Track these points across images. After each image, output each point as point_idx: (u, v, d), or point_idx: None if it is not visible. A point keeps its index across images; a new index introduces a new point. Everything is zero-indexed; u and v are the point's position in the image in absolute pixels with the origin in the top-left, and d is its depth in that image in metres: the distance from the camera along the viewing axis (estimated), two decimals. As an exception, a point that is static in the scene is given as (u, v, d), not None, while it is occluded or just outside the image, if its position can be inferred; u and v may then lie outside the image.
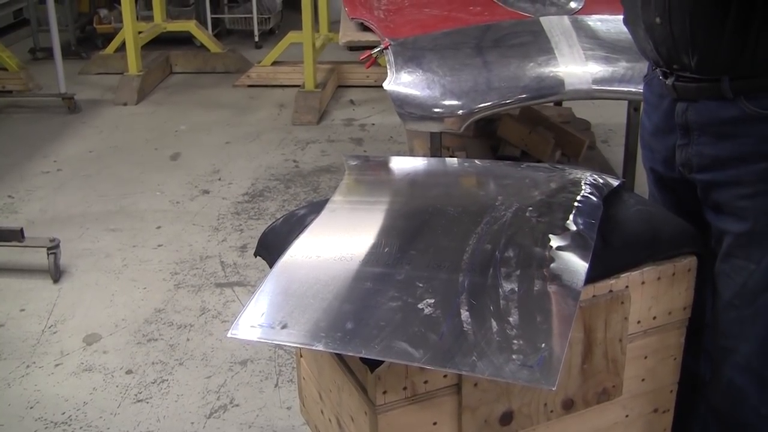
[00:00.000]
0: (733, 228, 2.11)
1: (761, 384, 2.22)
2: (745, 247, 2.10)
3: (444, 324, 1.81)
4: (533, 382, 1.70)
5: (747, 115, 1.99)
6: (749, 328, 2.17)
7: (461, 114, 3.22)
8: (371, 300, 1.90)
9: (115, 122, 6.38)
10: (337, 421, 2.22)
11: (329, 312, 1.88)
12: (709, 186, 2.13)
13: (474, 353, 1.74)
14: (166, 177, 5.34)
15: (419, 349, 1.75)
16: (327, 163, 5.54)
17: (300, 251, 2.14)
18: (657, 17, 2.03)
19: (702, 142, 2.09)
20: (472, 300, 1.87)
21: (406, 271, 1.99)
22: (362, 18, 3.77)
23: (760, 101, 1.97)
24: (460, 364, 1.73)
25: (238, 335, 1.86)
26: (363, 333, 1.80)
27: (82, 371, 3.38)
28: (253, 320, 1.89)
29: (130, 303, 3.88)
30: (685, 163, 2.16)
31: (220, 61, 7.66)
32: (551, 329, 1.80)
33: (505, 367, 1.71)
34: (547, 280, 1.93)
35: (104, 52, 7.60)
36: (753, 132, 1.99)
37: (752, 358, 2.20)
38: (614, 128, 5.84)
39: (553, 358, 1.72)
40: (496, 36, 3.52)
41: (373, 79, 7.07)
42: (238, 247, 4.38)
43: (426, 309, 1.86)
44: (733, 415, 2.29)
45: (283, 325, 1.85)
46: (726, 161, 2.05)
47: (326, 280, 1.99)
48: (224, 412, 3.12)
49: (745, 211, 2.07)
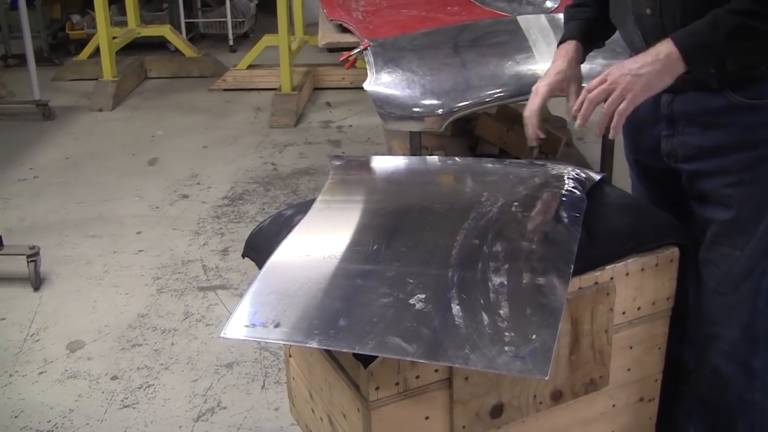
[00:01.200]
0: (719, 216, 2.14)
1: (745, 369, 2.26)
2: (730, 235, 2.14)
3: (436, 318, 1.83)
4: (526, 373, 1.73)
5: (733, 105, 2.03)
6: (733, 315, 2.22)
7: (441, 113, 3.24)
8: (362, 297, 1.93)
9: (90, 128, 6.36)
10: (328, 419, 2.23)
11: (321, 309, 1.90)
12: (694, 175, 2.17)
13: (467, 346, 1.77)
14: (144, 182, 5.33)
15: (412, 343, 1.78)
16: (305, 165, 5.55)
17: (289, 250, 2.15)
18: (647, 8, 2.06)
19: (688, 133, 2.13)
20: (462, 294, 1.90)
21: (396, 267, 2.01)
22: (341, 19, 3.79)
23: (746, 91, 2.01)
24: (453, 357, 1.76)
25: (230, 335, 1.87)
26: (356, 329, 1.82)
27: (66, 378, 3.38)
28: (245, 320, 1.90)
29: (112, 309, 3.88)
30: (670, 153, 2.20)
31: (195, 65, 7.65)
32: (541, 321, 1.83)
33: (498, 359, 1.74)
34: (535, 273, 1.96)
35: (78, 58, 7.57)
36: (738, 122, 2.03)
37: (736, 344, 2.24)
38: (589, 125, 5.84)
39: (545, 348, 1.75)
40: (474, 35, 3.55)
41: (348, 81, 7.09)
42: (220, 251, 4.38)
43: (417, 304, 1.88)
44: (719, 401, 2.33)
45: (276, 324, 1.86)
46: (712, 151, 2.08)
47: (317, 278, 2.01)
48: (212, 415, 3.12)
49: (730, 199, 2.11)
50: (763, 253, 2.15)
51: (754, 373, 2.27)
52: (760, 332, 2.24)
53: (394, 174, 2.66)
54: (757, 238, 2.13)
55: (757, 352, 2.25)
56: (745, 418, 2.33)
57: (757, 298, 2.20)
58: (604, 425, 2.32)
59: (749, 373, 2.27)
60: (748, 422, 2.33)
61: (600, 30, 2.38)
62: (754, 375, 2.27)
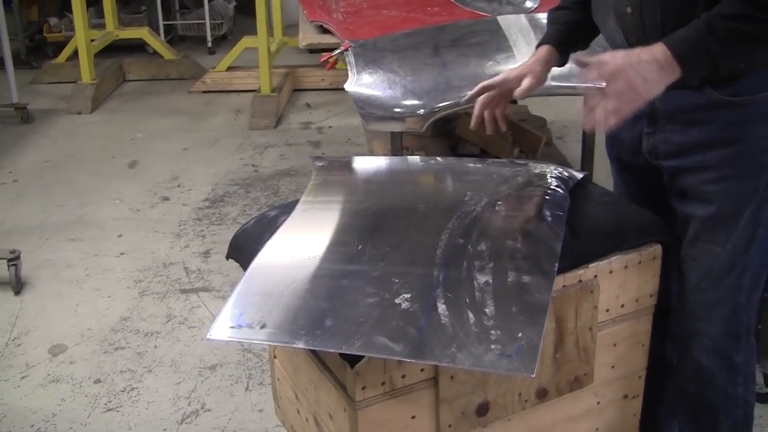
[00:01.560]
0: (699, 212, 2.16)
1: (728, 365, 2.28)
2: (711, 231, 2.16)
3: (422, 317, 1.84)
4: (513, 371, 1.74)
5: (713, 102, 2.05)
6: (715, 310, 2.24)
7: (422, 113, 3.25)
8: (348, 297, 1.93)
9: (70, 131, 6.33)
10: (314, 419, 2.23)
11: (307, 310, 1.90)
12: (675, 172, 2.18)
13: (453, 345, 1.78)
14: (124, 185, 5.31)
15: (399, 343, 1.78)
16: (286, 166, 5.54)
17: (273, 251, 2.16)
18: (628, 7, 2.08)
19: (669, 130, 2.15)
20: (448, 293, 1.90)
21: (381, 267, 2.02)
22: (321, 20, 3.80)
23: (725, 88, 2.03)
24: (440, 356, 1.77)
25: (216, 336, 1.87)
26: (342, 329, 1.83)
27: (49, 383, 3.36)
28: (230, 321, 1.90)
29: (94, 312, 3.86)
30: (651, 150, 2.21)
31: (174, 67, 7.63)
32: (527, 319, 1.84)
33: (485, 357, 1.75)
34: (520, 272, 1.97)
35: (56, 61, 7.52)
36: (718, 118, 2.05)
37: (719, 340, 2.26)
38: (568, 125, 5.90)
39: (531, 346, 1.76)
40: (454, 35, 3.56)
41: (328, 83, 7.09)
42: (201, 253, 4.38)
43: (403, 304, 1.88)
44: (702, 397, 2.35)
45: (262, 325, 1.86)
46: (692, 147, 2.10)
47: (302, 279, 2.01)
48: (196, 418, 3.12)
49: (710, 195, 2.13)
50: (744, 249, 2.16)
51: (736, 368, 2.29)
52: (741, 327, 2.26)
53: (377, 174, 2.66)
54: (737, 234, 2.14)
55: (738, 347, 2.28)
56: (728, 413, 2.35)
57: (739, 293, 2.21)
58: (589, 422, 2.34)
59: (731, 368, 2.29)
60: (731, 417, 2.35)
61: (581, 32, 2.40)
62: (736, 370, 2.29)
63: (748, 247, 2.16)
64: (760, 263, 2.21)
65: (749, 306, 2.25)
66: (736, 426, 2.37)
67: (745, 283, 2.21)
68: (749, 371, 2.34)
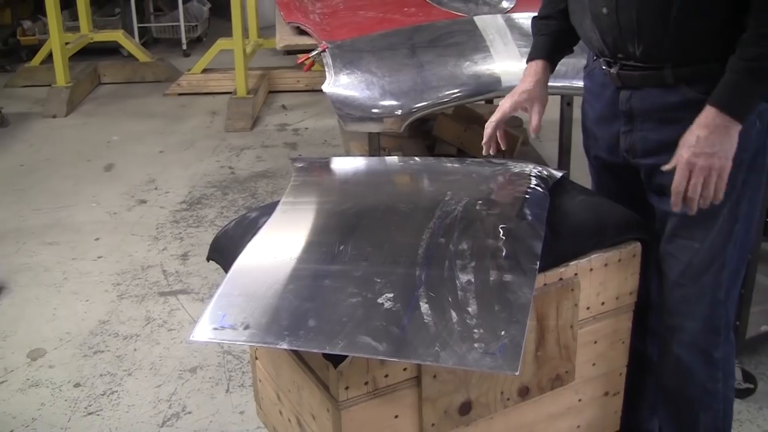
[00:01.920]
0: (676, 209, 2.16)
1: (707, 360, 2.30)
2: (690, 228, 2.18)
3: (404, 317, 1.84)
4: (497, 369, 1.74)
5: (688, 100, 2.07)
6: (694, 306, 2.26)
7: (400, 114, 3.25)
8: (331, 297, 1.93)
9: (45, 135, 6.30)
10: (297, 420, 2.24)
11: (290, 310, 1.90)
12: (653, 169, 2.19)
13: (437, 344, 1.78)
14: (101, 188, 5.30)
15: (382, 342, 1.79)
16: (263, 168, 5.54)
17: (255, 252, 2.16)
18: (604, 8, 2.10)
19: (646, 128, 2.17)
20: (430, 292, 1.91)
21: (363, 267, 2.02)
22: (298, 22, 3.79)
23: (701, 86, 2.05)
24: (423, 355, 1.77)
25: (198, 338, 1.87)
26: (326, 329, 1.83)
27: (28, 387, 3.35)
28: (213, 323, 1.90)
29: (73, 316, 3.85)
30: (629, 148, 2.23)
31: (149, 70, 7.61)
32: (509, 317, 1.85)
33: (468, 356, 1.76)
34: (502, 271, 1.97)
35: (30, 65, 7.49)
36: (694, 116, 2.05)
37: (698, 335, 2.28)
38: (544, 124, 5.83)
39: (514, 344, 1.77)
40: (432, 36, 3.56)
41: (304, 84, 7.11)
42: (179, 256, 4.37)
43: (386, 303, 1.89)
44: (682, 393, 2.37)
45: (245, 326, 1.87)
46: (669, 145, 2.10)
47: (284, 279, 2.01)
48: (177, 420, 3.11)
49: None
50: (722, 245, 2.18)
51: (715, 364, 2.31)
52: (720, 323, 2.28)
53: (356, 175, 2.67)
54: (715, 231, 2.17)
55: (717, 342, 2.30)
56: (708, 408, 2.37)
57: (718, 289, 2.23)
58: (570, 420, 2.35)
59: (711, 363, 2.31)
60: (711, 413, 2.37)
61: (567, 39, 2.43)
62: (715, 365, 2.31)
63: (726, 243, 2.18)
64: (738, 259, 2.23)
65: (728, 302, 2.27)
66: (715, 421, 2.39)
67: (724, 278, 2.23)
68: (728, 367, 2.36)
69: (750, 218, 2.21)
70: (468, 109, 4.70)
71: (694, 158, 1.99)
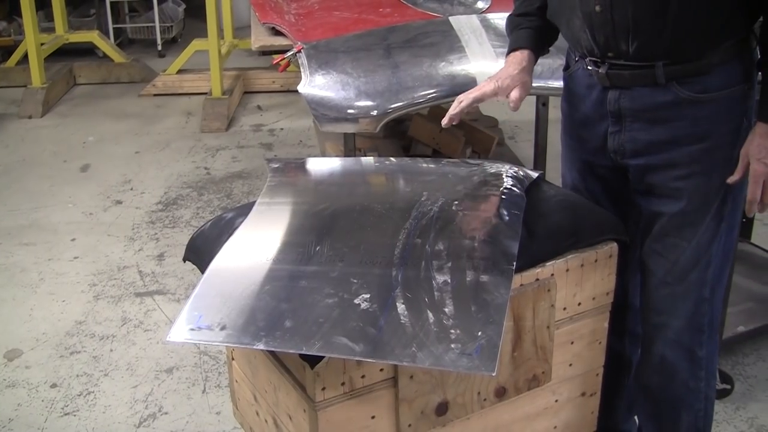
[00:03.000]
0: (667, 209, 2.20)
1: (690, 358, 2.32)
2: (679, 227, 2.20)
3: (381, 317, 1.85)
4: (474, 369, 1.75)
5: (680, 99, 2.08)
6: (680, 304, 2.28)
7: (376, 114, 3.25)
8: (307, 298, 1.93)
9: (20, 136, 6.27)
10: (273, 421, 2.24)
11: (266, 311, 1.90)
12: (642, 170, 2.21)
13: (413, 344, 1.79)
14: (76, 189, 5.28)
15: (359, 343, 1.79)
16: (238, 169, 5.53)
17: (231, 253, 2.15)
18: (597, 5, 2.07)
19: (635, 128, 2.17)
20: (407, 293, 1.91)
21: (340, 268, 2.03)
22: (273, 22, 3.79)
23: (692, 85, 2.06)
24: (400, 355, 1.78)
25: (174, 338, 1.87)
26: (302, 330, 1.83)
27: (4, 387, 3.34)
28: (189, 323, 1.90)
29: (49, 316, 3.84)
30: (617, 149, 2.23)
31: (124, 71, 7.58)
32: (486, 318, 1.85)
33: (445, 357, 1.76)
34: (478, 271, 1.98)
35: (5, 65, 7.44)
36: (685, 115, 2.08)
37: (682, 333, 2.30)
38: (520, 125, 5.94)
39: (491, 345, 1.78)
40: (407, 36, 3.57)
41: (279, 85, 7.10)
42: (155, 256, 4.36)
43: (362, 304, 1.89)
44: (664, 391, 2.39)
45: (222, 327, 1.86)
46: (660, 145, 2.13)
47: (261, 280, 2.01)
48: (153, 421, 3.11)
49: (679, 192, 2.16)
50: (708, 244, 2.21)
51: (699, 362, 2.33)
52: (705, 321, 2.30)
53: (332, 175, 2.67)
54: (703, 229, 2.19)
55: (701, 341, 2.32)
56: (690, 407, 2.39)
57: (703, 287, 2.26)
58: (547, 420, 2.36)
59: (694, 361, 2.33)
60: (692, 412, 2.39)
61: (547, 36, 2.41)
62: (699, 364, 2.34)
63: (712, 242, 2.21)
64: (722, 257, 2.26)
65: (713, 299, 2.29)
66: (696, 421, 2.41)
67: (709, 276, 2.25)
68: (711, 367, 2.38)
69: (733, 216, 2.23)
70: (443, 110, 4.61)
71: (758, 163, 2.03)
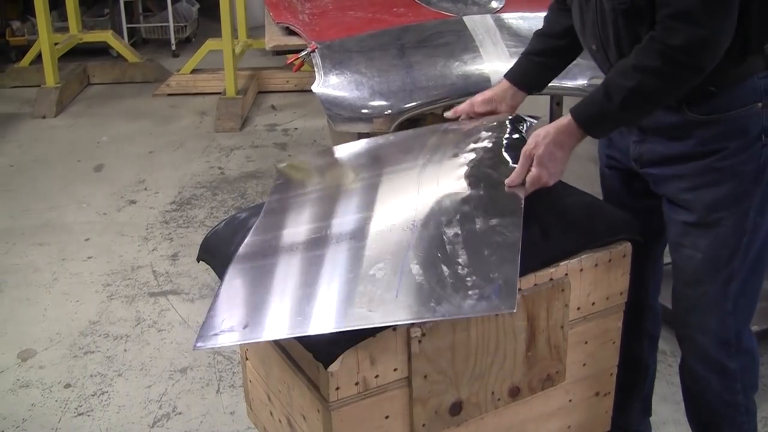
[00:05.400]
0: (681, 217, 2.22)
1: (722, 371, 2.30)
2: (691, 237, 2.21)
3: (397, 281, 1.86)
4: (494, 310, 1.78)
5: (688, 120, 2.13)
6: (701, 317, 2.27)
7: (390, 114, 3.25)
8: (325, 279, 1.97)
9: (34, 136, 6.29)
10: (287, 421, 2.24)
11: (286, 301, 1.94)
12: (657, 179, 2.26)
13: (432, 300, 1.81)
14: (91, 189, 5.29)
15: (377, 310, 1.81)
16: (252, 168, 5.54)
17: (249, 251, 2.17)
18: (593, 45, 2.19)
19: (654, 141, 2.22)
20: (419, 253, 1.94)
21: (351, 244, 2.06)
22: (287, 22, 3.79)
23: (699, 107, 2.12)
24: (419, 312, 1.80)
25: (202, 345, 1.89)
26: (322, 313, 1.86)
27: (18, 388, 3.34)
28: (213, 329, 1.91)
29: (63, 316, 3.85)
30: (638, 157, 2.28)
31: (138, 70, 7.59)
32: (500, 258, 1.88)
33: (464, 304, 1.78)
34: (488, 216, 2.02)
35: (19, 65, 7.46)
36: (694, 134, 2.13)
37: (708, 348, 2.28)
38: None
39: (508, 284, 1.80)
40: (421, 36, 3.56)
41: (293, 84, 7.09)
42: (170, 256, 4.36)
43: (377, 273, 1.92)
44: (702, 402, 2.39)
45: (245, 325, 1.88)
46: (672, 158, 2.18)
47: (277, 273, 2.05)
48: (168, 421, 3.11)
49: (688, 203, 2.19)
50: (728, 258, 2.19)
51: (732, 375, 2.31)
52: (730, 335, 2.28)
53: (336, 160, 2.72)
54: (718, 242, 2.18)
55: (730, 354, 2.29)
56: (731, 421, 2.37)
57: (724, 301, 2.23)
58: (561, 420, 2.35)
59: (726, 375, 2.31)
60: (734, 425, 2.37)
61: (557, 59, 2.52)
62: (731, 377, 2.31)
63: (733, 256, 2.19)
64: (748, 271, 2.23)
65: (737, 313, 2.26)
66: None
67: (732, 291, 2.23)
68: (748, 379, 2.35)
69: (761, 232, 2.20)
70: (458, 110, 4.70)
71: (541, 142, 2.15)
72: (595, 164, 2.63)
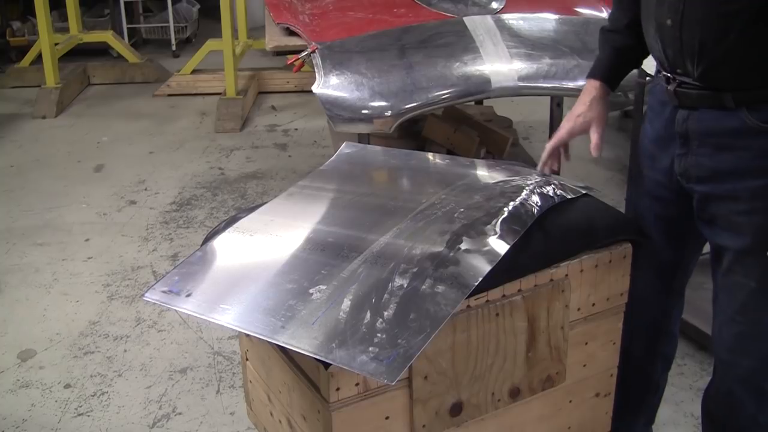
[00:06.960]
0: (731, 244, 2.08)
1: (761, 394, 2.20)
2: (744, 265, 2.07)
3: (323, 309, 1.87)
4: (375, 376, 1.72)
5: (747, 127, 1.97)
6: (751, 345, 2.15)
7: (390, 114, 3.26)
8: (274, 279, 2.00)
9: (34, 136, 6.29)
10: (287, 421, 2.24)
11: (229, 287, 2.00)
12: (705, 198, 2.11)
13: (335, 341, 1.78)
14: (91, 189, 5.29)
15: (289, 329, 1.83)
16: (253, 169, 5.54)
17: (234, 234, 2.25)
18: (668, 19, 2.00)
19: (701, 153, 2.07)
20: (360, 291, 1.92)
21: (317, 256, 2.07)
22: (288, 23, 3.79)
23: (762, 113, 1.95)
24: (317, 348, 1.78)
25: (148, 297, 2.04)
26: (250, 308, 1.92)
27: (18, 388, 3.34)
28: (166, 285, 2.04)
29: (63, 317, 3.84)
30: (683, 172, 2.13)
31: (138, 71, 7.60)
32: (418, 328, 1.81)
33: (358, 358, 1.75)
34: (438, 281, 1.93)
35: (19, 65, 7.46)
36: (751, 145, 1.98)
37: (755, 372, 2.17)
38: (534, 125, 5.93)
39: (405, 356, 1.75)
40: (421, 37, 3.56)
41: (293, 85, 7.10)
42: (169, 256, 4.36)
43: (315, 294, 1.92)
44: (730, 423, 2.28)
45: (188, 294, 1.97)
46: (724, 174, 2.03)
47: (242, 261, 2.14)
48: (167, 421, 3.11)
49: (740, 227, 2.05)
50: None
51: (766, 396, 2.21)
52: None
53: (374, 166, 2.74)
54: None
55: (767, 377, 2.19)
56: None
57: None
58: (561, 421, 2.35)
59: (764, 397, 2.20)
60: None
61: (630, 56, 2.36)
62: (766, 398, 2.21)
63: None
64: None
65: None
66: None
67: None
68: None
69: None
70: (458, 110, 4.71)
71: None
72: (595, 164, 2.62)
